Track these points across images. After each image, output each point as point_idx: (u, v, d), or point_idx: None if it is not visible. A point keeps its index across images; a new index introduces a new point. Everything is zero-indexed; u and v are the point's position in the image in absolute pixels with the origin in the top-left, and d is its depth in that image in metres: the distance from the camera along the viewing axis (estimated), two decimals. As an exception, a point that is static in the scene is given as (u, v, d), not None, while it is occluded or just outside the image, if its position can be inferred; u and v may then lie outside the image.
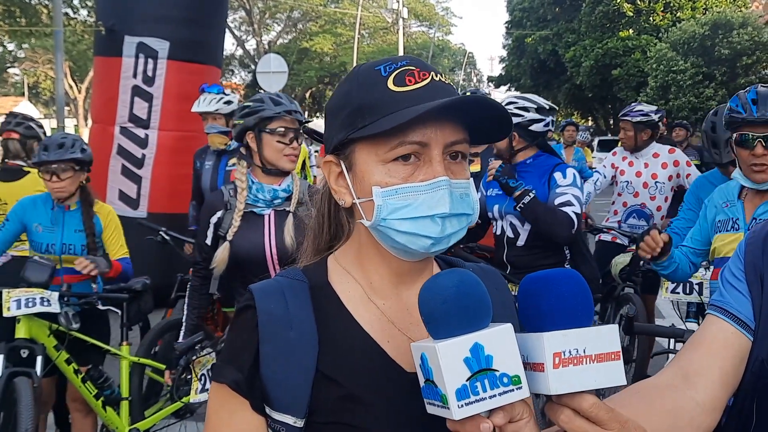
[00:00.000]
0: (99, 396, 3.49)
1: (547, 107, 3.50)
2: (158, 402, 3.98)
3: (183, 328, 2.95)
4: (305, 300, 1.02)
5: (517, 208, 3.27)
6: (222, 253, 2.74)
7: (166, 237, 4.92)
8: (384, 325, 1.01)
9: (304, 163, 9.18)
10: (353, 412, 0.96)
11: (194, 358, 2.86)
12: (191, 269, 3.03)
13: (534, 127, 3.43)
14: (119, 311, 3.64)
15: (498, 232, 3.51)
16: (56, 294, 3.25)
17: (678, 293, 3.77)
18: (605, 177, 5.09)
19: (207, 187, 4.63)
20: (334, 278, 1.05)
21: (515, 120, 3.40)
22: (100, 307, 3.52)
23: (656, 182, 4.81)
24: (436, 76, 0.97)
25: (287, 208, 2.80)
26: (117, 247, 3.68)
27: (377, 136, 0.95)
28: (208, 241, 2.83)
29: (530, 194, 3.24)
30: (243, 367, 0.99)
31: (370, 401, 0.96)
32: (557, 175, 3.36)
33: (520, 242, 3.38)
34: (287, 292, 1.02)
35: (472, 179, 1.01)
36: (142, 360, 3.74)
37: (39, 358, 3.19)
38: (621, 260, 4.04)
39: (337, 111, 1.01)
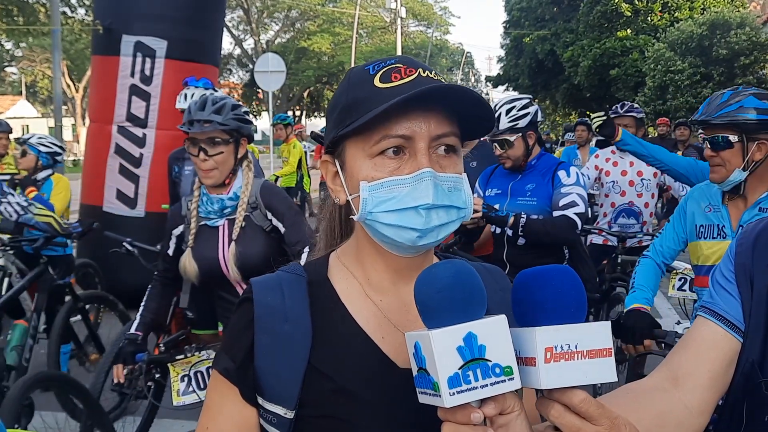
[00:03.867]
0: None
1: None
2: None
3: (137, 319, 2.81)
4: (302, 294, 1.03)
5: (519, 234, 3.26)
6: (185, 262, 2.66)
7: (131, 248, 4.56)
8: (380, 321, 1.02)
9: (300, 162, 9.09)
10: (344, 406, 0.97)
11: (179, 358, 2.71)
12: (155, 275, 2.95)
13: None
14: None
15: (498, 231, 3.49)
16: None
17: (684, 290, 3.76)
18: (588, 178, 5.16)
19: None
20: (334, 274, 1.07)
21: (527, 120, 3.39)
22: None
23: (642, 179, 4.86)
24: (424, 72, 0.98)
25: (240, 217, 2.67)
26: None
27: (363, 131, 0.96)
28: (170, 252, 2.79)
29: (522, 216, 3.23)
30: (236, 356, 1.02)
31: (361, 396, 0.97)
32: (561, 173, 3.35)
33: (520, 241, 3.37)
34: (285, 285, 1.04)
35: (465, 175, 1.01)
36: None
37: None
38: None
39: (331, 112, 1.04)
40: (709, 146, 2.45)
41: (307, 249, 2.60)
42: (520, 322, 0.85)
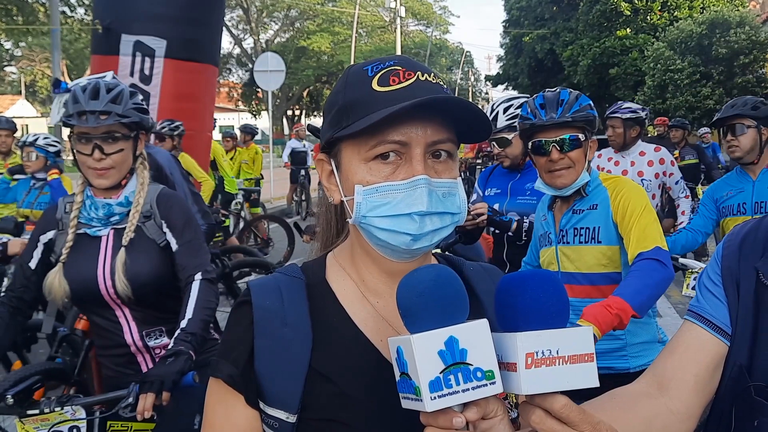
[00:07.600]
0: None
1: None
2: None
3: None
4: (301, 297, 1.03)
5: (523, 239, 3.24)
6: (53, 280, 2.19)
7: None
8: (378, 324, 1.02)
9: (215, 162, 8.91)
10: (345, 409, 0.97)
11: (31, 413, 2.05)
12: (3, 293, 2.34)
13: None
14: None
15: (498, 231, 3.50)
16: None
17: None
18: None
19: None
20: (332, 275, 1.07)
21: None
22: None
23: (642, 180, 4.81)
24: (422, 76, 0.97)
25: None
26: None
27: (359, 135, 0.96)
28: (33, 264, 2.28)
29: (525, 221, 3.23)
30: (238, 361, 1.01)
31: (362, 399, 0.97)
32: None
33: (520, 240, 3.38)
34: (284, 288, 1.03)
35: (460, 179, 1.01)
36: None
37: None
38: None
39: (329, 109, 1.03)
40: (557, 149, 2.34)
41: (199, 276, 2.24)
42: (502, 327, 0.85)
